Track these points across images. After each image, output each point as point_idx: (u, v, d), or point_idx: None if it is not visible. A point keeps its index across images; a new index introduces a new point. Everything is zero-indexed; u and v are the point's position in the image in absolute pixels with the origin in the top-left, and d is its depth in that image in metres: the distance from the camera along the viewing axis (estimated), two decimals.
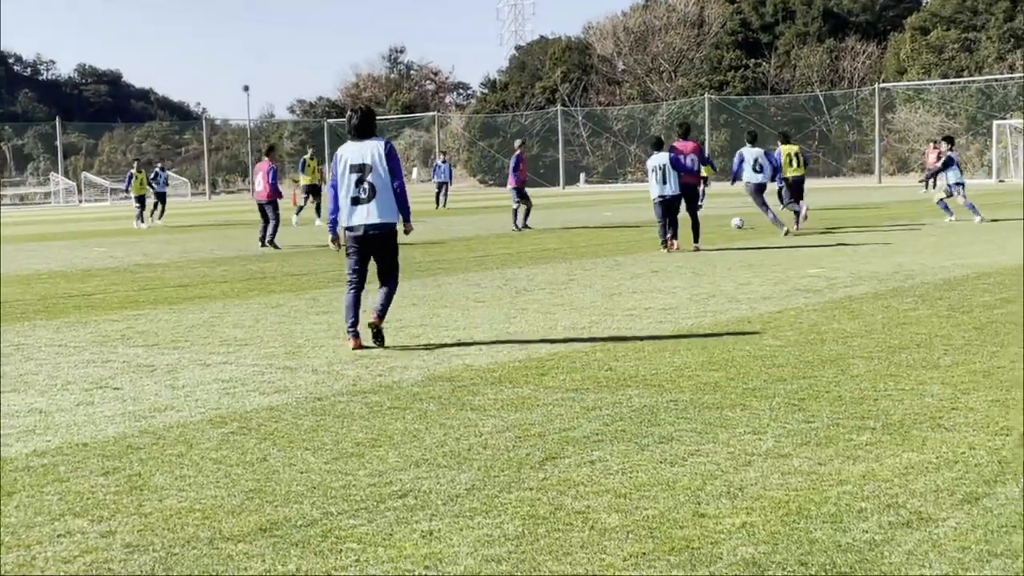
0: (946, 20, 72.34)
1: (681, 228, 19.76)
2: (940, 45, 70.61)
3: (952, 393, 7.43)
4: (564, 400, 7.60)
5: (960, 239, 20.19)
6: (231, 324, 12.01)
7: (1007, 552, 4.47)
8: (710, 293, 13.37)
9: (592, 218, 32.73)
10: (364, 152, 9.81)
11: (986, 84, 67.11)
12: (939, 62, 70.19)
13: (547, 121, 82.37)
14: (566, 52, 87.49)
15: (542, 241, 23.47)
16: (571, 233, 26.04)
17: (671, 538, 4.78)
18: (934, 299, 12.13)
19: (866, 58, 77.11)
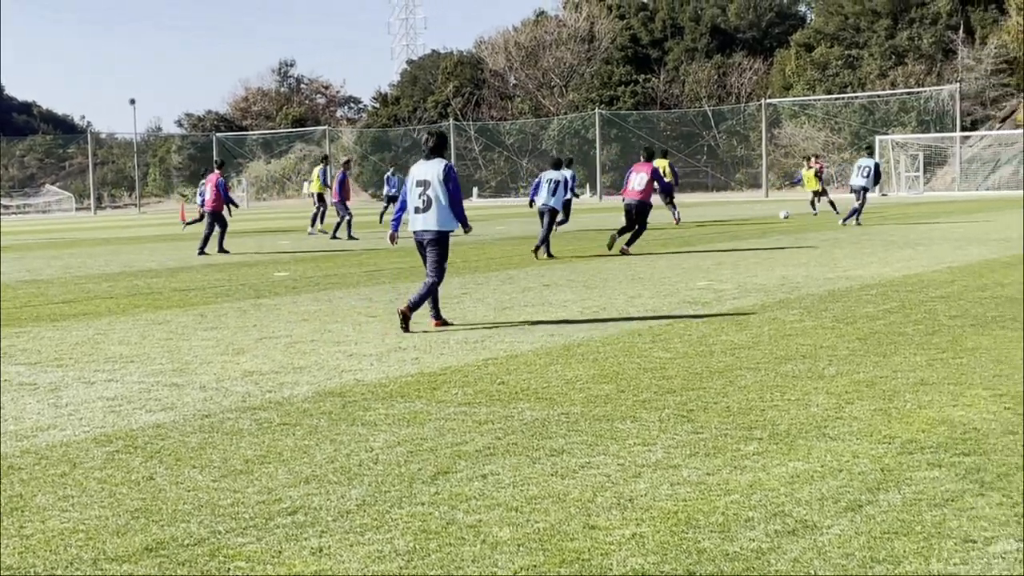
0: (830, 37, 74.12)
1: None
2: (824, 62, 72.31)
3: (836, 403, 7.58)
4: (456, 414, 7.58)
5: (844, 251, 20.65)
6: (117, 341, 11.76)
7: (889, 558, 4.57)
8: (601, 306, 13.48)
9: (485, 232, 32.78)
10: (428, 171, 11.94)
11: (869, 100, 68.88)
12: (823, 78, 71.87)
13: None
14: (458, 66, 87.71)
15: None
16: (464, 247, 26.04)
17: (562, 550, 4.79)
18: (819, 311, 12.38)
19: (753, 74, 78.64)
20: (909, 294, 13.58)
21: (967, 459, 6.02)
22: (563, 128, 79.52)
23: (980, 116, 65.76)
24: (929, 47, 69.16)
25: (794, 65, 74.30)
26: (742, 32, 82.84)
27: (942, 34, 69.41)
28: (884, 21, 71.62)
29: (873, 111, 68.75)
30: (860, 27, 73.13)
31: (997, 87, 65.96)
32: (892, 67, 69.56)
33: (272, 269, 20.93)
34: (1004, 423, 6.82)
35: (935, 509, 5.17)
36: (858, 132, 67.78)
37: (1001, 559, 4.51)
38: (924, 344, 9.87)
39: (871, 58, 70.54)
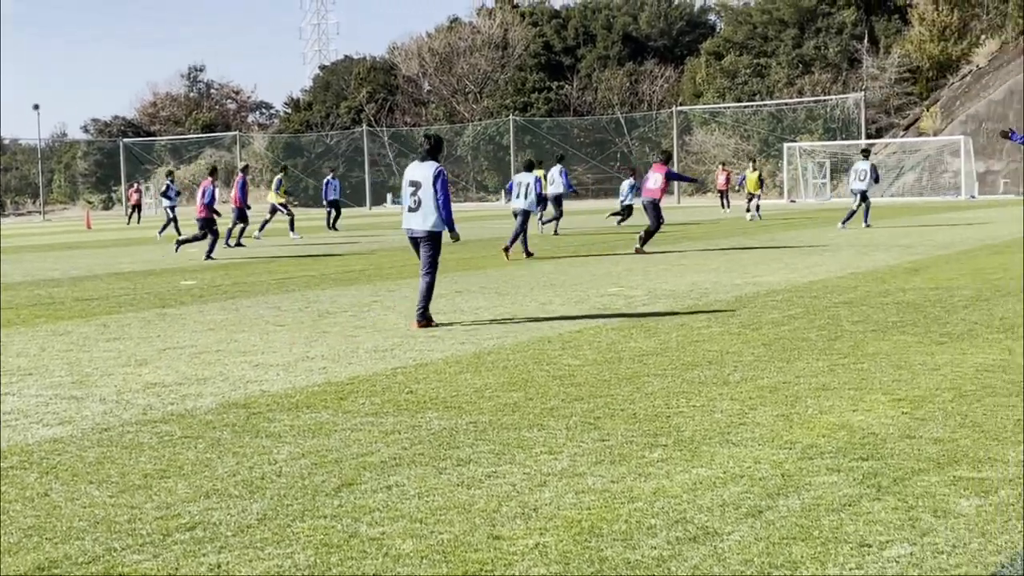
0: (739, 46, 75.08)
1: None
2: (734, 70, 73.22)
3: (740, 409, 7.66)
4: (363, 425, 7.53)
5: (752, 258, 20.91)
6: (15, 353, 11.50)
7: (787, 564, 4.61)
8: (512, 313, 13.49)
9: (399, 239, 32.67)
10: (421, 172, 12.38)
11: (777, 108, 69.87)
12: (733, 86, 72.76)
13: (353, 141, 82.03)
14: (371, 72, 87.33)
15: (347, 263, 23.30)
16: (376, 255, 25.93)
17: (465, 561, 4.77)
18: (726, 317, 12.51)
19: (664, 81, 79.37)
20: (814, 300, 13.78)
21: (865, 464, 6.11)
22: (478, 134, 79.58)
23: (884, 124, 67.04)
24: (835, 56, 70.36)
25: (704, 73, 75.15)
26: (653, 40, 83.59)
27: (847, 43, 70.67)
28: (791, 31, 72.73)
29: (781, 119, 69.76)
30: (768, 36, 74.19)
31: (901, 96, 67.31)
32: (799, 76, 70.65)
33: (179, 277, 20.63)
34: (901, 427, 6.94)
35: (832, 514, 5.24)
36: (767, 139, 68.74)
37: (895, 563, 4.58)
38: (827, 349, 10.02)
39: (779, 67, 71.58)
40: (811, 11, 72.33)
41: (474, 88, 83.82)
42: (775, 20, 73.95)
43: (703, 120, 72.47)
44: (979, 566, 4.52)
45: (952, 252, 20.52)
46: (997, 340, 10.21)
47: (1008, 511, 5.21)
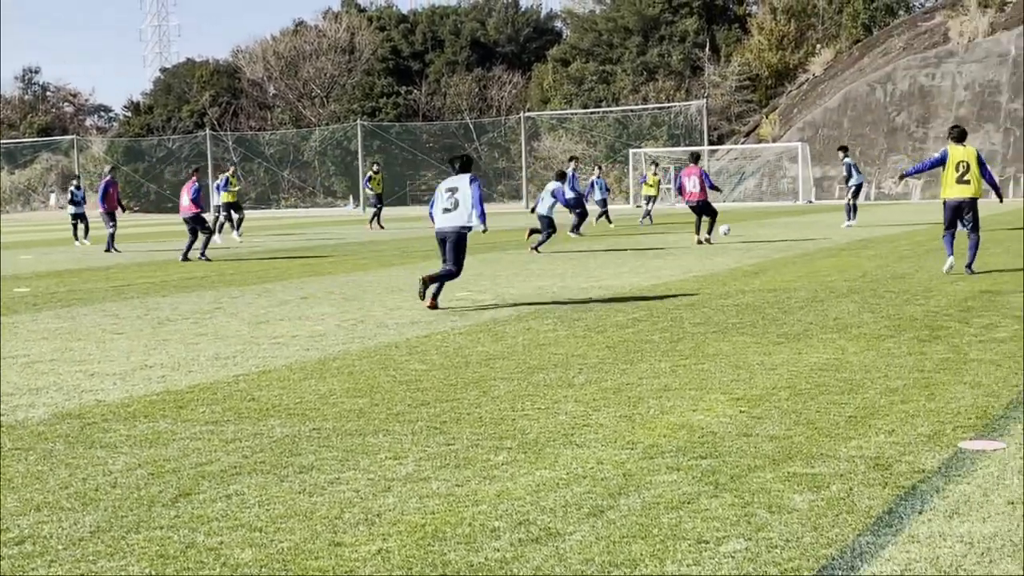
0: (585, 53, 76.07)
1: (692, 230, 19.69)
2: (580, 76, 74.15)
3: (584, 410, 7.74)
4: (203, 433, 7.37)
5: (599, 262, 21.18)
6: None
7: (626, 562, 4.67)
8: (359, 319, 13.39)
9: (243, 246, 32.13)
10: (458, 181, 14.27)
11: (623, 114, 71.01)
12: (580, 92, 73.68)
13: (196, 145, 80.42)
14: (214, 75, 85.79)
15: (188, 269, 22.82)
16: (219, 261, 25.46)
17: (306, 569, 4.70)
18: (572, 320, 12.64)
19: (512, 87, 79.93)
20: (657, 302, 14.02)
21: (704, 462, 6.24)
22: (325, 139, 78.88)
23: (726, 131, 68.71)
24: (678, 64, 71.85)
25: (551, 79, 75.93)
26: (501, 46, 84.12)
27: (690, 51, 72.25)
28: (635, 38, 74.01)
29: (627, 125, 70.91)
30: (613, 43, 75.34)
31: (741, 103, 69.08)
32: (644, 82, 71.93)
33: (11, 285, 19.92)
34: (739, 426, 7.10)
35: (672, 512, 5.33)
36: (613, 145, 69.79)
37: (731, 558, 4.68)
38: (669, 351, 10.20)
39: (624, 74, 72.75)
40: (654, 19, 73.74)
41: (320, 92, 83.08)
42: (620, 28, 75.17)
43: (551, 126, 73.20)
44: (811, 559, 4.65)
45: (789, 255, 21.13)
46: (831, 340, 10.53)
47: (839, 505, 5.37)
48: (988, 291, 13.98)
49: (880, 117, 58.48)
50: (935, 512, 5.23)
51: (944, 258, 16.56)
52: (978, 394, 7.85)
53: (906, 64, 58.87)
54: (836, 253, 21.25)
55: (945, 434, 6.72)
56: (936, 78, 57.75)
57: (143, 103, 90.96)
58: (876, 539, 4.87)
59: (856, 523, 5.09)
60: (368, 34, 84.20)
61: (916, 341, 10.28)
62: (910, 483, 5.71)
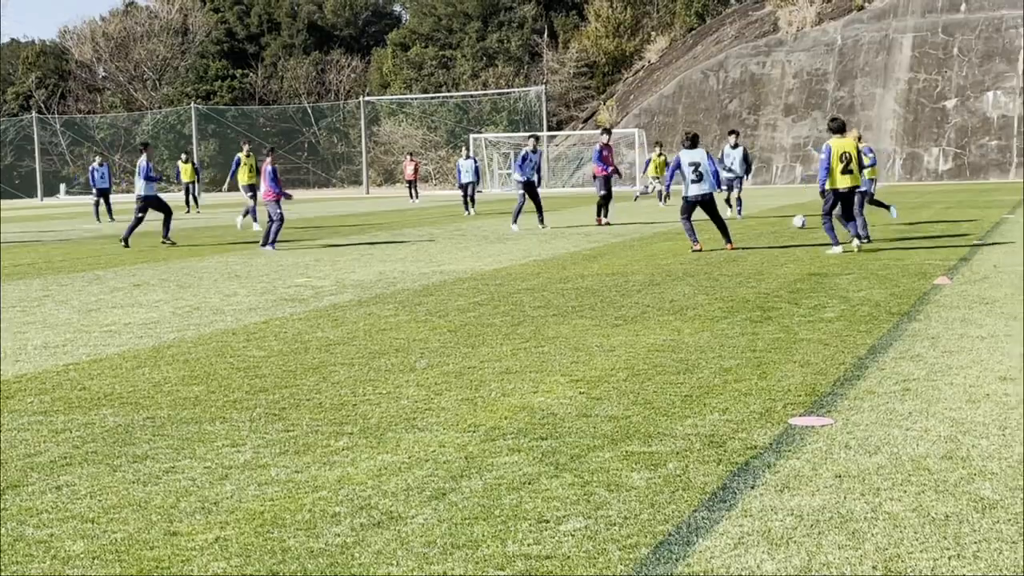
0: (424, 38, 75.92)
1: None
2: (420, 61, 73.99)
3: (426, 395, 7.73)
4: (31, 424, 7.12)
5: (438, 247, 21.17)
6: None
7: (468, 543, 4.69)
8: (194, 306, 13.11)
9: (73, 230, 31.15)
10: (697, 155, 17.93)
11: (463, 100, 71.10)
12: (419, 77, 73.52)
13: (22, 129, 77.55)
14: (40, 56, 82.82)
15: (14, 256, 22.01)
16: (47, 247, 24.62)
17: (140, 560, 4.59)
18: (414, 305, 12.61)
19: (351, 71, 79.27)
20: (498, 287, 14.09)
21: (544, 443, 6.30)
22: (158, 123, 76.93)
23: (565, 117, 69.44)
24: (517, 50, 72.29)
25: (391, 64, 75.56)
26: (339, 30, 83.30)
27: (528, 37, 72.77)
28: (475, 24, 74.18)
29: (467, 110, 71.05)
30: (453, 28, 75.38)
31: (579, 89, 69.90)
32: (484, 68, 72.16)
33: None
34: (579, 407, 7.19)
35: (513, 492, 5.37)
36: (453, 130, 69.83)
37: (571, 536, 4.74)
38: (510, 334, 10.26)
39: (464, 59, 72.85)
40: (494, 5, 74.03)
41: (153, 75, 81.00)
42: (459, 13, 75.24)
43: (391, 111, 72.87)
44: (649, 535, 4.73)
45: (627, 240, 21.47)
46: (668, 321, 10.75)
47: (675, 482, 5.48)
48: (816, 273, 14.45)
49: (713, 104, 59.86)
50: (767, 487, 5.39)
51: (830, 245, 16.94)
52: (807, 372, 8.11)
53: (738, 52, 60.37)
54: (672, 237, 21.68)
55: (776, 411, 6.93)
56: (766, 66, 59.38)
57: None
58: (711, 514, 4.99)
59: (692, 499, 5.21)
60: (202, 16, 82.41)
61: (749, 322, 10.56)
62: (743, 459, 5.87)
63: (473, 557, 4.52)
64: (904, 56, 55.88)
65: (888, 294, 12.27)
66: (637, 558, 4.48)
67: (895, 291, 12.51)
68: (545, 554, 4.54)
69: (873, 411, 6.87)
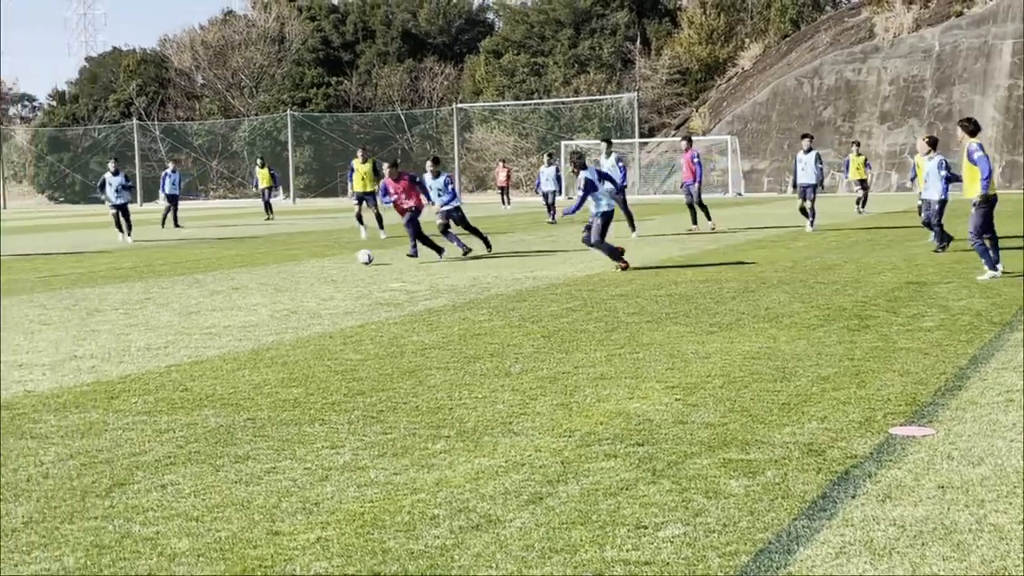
0: (517, 45, 76.09)
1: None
2: (512, 68, 74.15)
3: (521, 399, 7.76)
4: (135, 424, 7.28)
5: (531, 253, 21.20)
6: None
7: (566, 548, 4.69)
8: (292, 309, 13.29)
9: (170, 236, 31.76)
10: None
11: (554, 106, 71.13)
12: (512, 84, 73.68)
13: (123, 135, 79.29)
14: (141, 65, 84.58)
15: (116, 260, 22.51)
16: (148, 250, 25.14)
17: (244, 558, 4.67)
18: (507, 310, 12.65)
19: (444, 79, 79.71)
20: (591, 293, 14.08)
21: (641, 449, 6.28)
22: (254, 129, 78.10)
23: (656, 123, 69.11)
24: (609, 57, 72.12)
25: (484, 71, 75.84)
26: (433, 37, 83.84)
27: (621, 44, 72.55)
28: (567, 31, 74.17)
29: (559, 117, 71.04)
30: (545, 36, 75.45)
31: (672, 96, 69.52)
32: (575, 75, 72.09)
33: None
34: (675, 413, 7.16)
35: (610, 498, 5.36)
36: (545, 137, 69.87)
37: (670, 543, 4.72)
38: (604, 340, 10.25)
39: (556, 66, 72.87)
40: (586, 12, 73.94)
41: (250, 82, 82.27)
42: (552, 20, 75.29)
43: (483, 118, 73.13)
44: (748, 543, 4.70)
45: (720, 247, 21.31)
46: (763, 329, 10.65)
47: (774, 490, 5.43)
48: (914, 282, 14.22)
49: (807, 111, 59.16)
50: (868, 496, 5.32)
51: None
52: (907, 382, 7.98)
53: (833, 59, 59.61)
54: (766, 244, 21.47)
55: (876, 420, 6.83)
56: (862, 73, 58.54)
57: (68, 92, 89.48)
58: (811, 523, 4.94)
59: (791, 507, 5.16)
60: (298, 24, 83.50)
61: (846, 330, 10.43)
62: (843, 468, 5.80)
63: (571, 562, 4.53)
64: (1004, 62, 54.70)
65: (989, 303, 12.03)
66: (737, 565, 4.45)
67: (996, 300, 12.26)
68: (644, 560, 4.53)
69: (976, 422, 6.75)
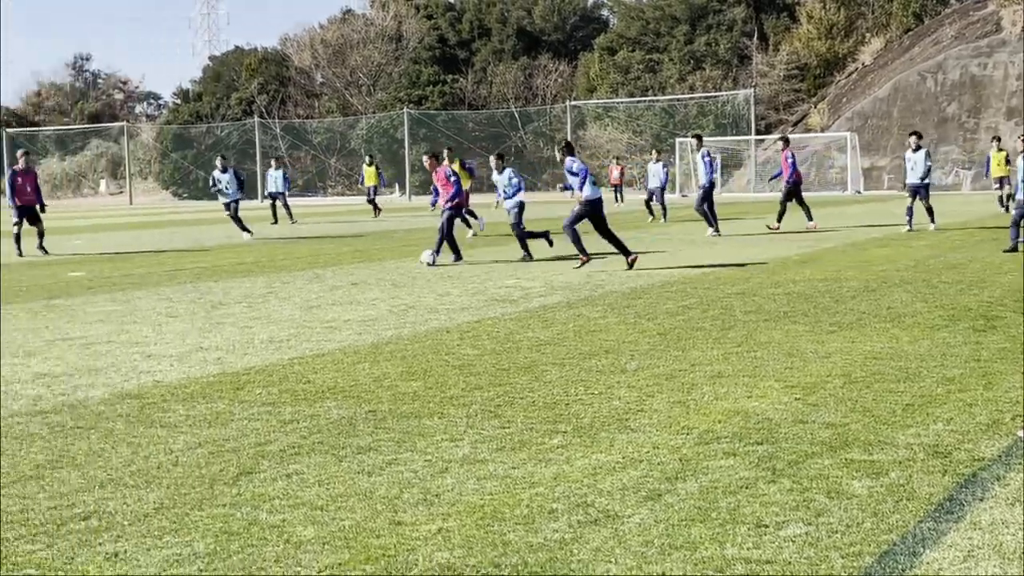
0: (632, 41, 75.78)
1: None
2: (627, 65, 73.89)
3: (638, 396, 7.75)
4: (260, 414, 7.45)
5: (644, 251, 21.11)
6: None
7: (686, 545, 4.68)
8: (409, 304, 13.45)
9: (290, 232, 32.35)
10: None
11: (669, 103, 70.71)
12: (626, 81, 73.42)
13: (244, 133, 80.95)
14: (262, 63, 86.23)
15: (239, 254, 23.00)
16: (269, 246, 25.64)
17: (367, 547, 4.75)
18: (622, 307, 12.63)
19: (558, 76, 79.76)
20: (707, 291, 13.98)
21: (760, 448, 6.23)
22: (371, 127, 79.11)
23: (774, 120, 68.26)
24: (725, 53, 71.43)
25: (598, 68, 75.70)
26: (547, 35, 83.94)
27: (737, 40, 71.80)
28: (683, 27, 73.64)
29: (673, 114, 70.60)
30: (660, 32, 75.01)
31: (789, 92, 68.59)
32: (691, 71, 71.56)
33: (66, 269, 20.17)
34: (795, 413, 7.08)
35: (730, 496, 5.33)
36: (659, 134, 69.49)
37: (791, 543, 4.68)
38: (720, 338, 10.18)
39: (671, 62, 72.42)
40: (702, 8, 73.31)
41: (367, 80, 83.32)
42: (667, 16, 74.82)
43: (597, 115, 73.02)
44: (872, 544, 4.64)
45: (840, 245, 20.98)
46: (885, 329, 10.47)
47: (899, 492, 5.35)
48: None
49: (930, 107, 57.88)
50: (996, 500, 5.21)
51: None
52: None
53: (957, 53, 58.21)
54: (887, 243, 21.08)
55: (1004, 423, 6.68)
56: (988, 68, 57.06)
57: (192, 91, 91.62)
58: (937, 525, 4.86)
59: (917, 509, 5.08)
60: (415, 22, 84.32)
61: (972, 331, 10.19)
62: (970, 471, 5.68)
63: (691, 559, 4.52)
64: None
65: None
66: (861, 567, 4.39)
67: None
68: (765, 559, 4.50)
69: None
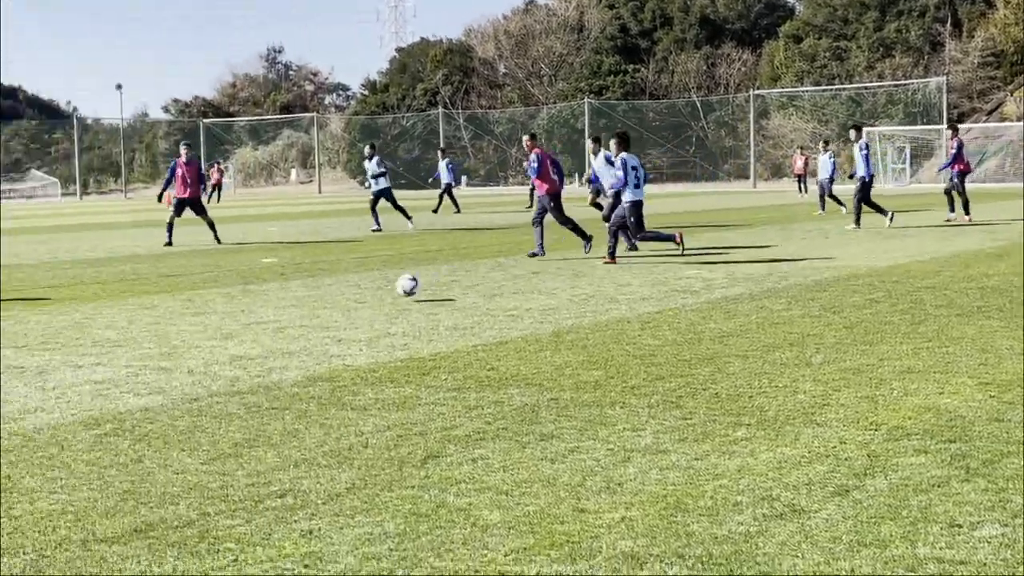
0: (818, 29, 74.17)
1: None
2: (812, 53, 72.38)
3: (824, 390, 7.61)
4: (446, 399, 7.60)
5: (831, 241, 20.69)
6: (104, 325, 11.74)
7: (875, 542, 4.60)
8: (590, 294, 13.50)
9: (476, 220, 32.80)
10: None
11: (856, 92, 68.98)
12: (812, 70, 71.94)
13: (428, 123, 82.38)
14: (447, 55, 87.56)
15: (424, 243, 23.44)
16: (453, 235, 26.06)
17: (551, 533, 4.81)
18: (806, 300, 12.42)
19: (741, 65, 78.67)
20: (895, 284, 13.63)
21: (953, 445, 6.06)
22: (552, 117, 79.52)
23: (967, 109, 65.91)
24: (916, 39, 69.26)
25: (783, 56, 74.37)
26: (731, 23, 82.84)
27: (929, 27, 69.54)
28: (872, 13, 71.69)
29: (861, 103, 68.87)
30: (848, 19, 73.21)
31: (984, 80, 66.13)
32: (880, 59, 69.64)
33: (260, 255, 20.90)
34: (989, 411, 6.86)
35: (921, 494, 5.21)
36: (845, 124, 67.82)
37: (987, 543, 4.54)
38: (910, 333, 9.91)
39: (859, 50, 70.61)
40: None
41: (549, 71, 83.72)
42: (856, 2, 72.93)
43: (780, 104, 71.77)
44: None
45: None
46: None
47: None
48: None
49: None
50: None
51: None
52: None
53: None
54: None
55: None
56: None
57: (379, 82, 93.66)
58: None
59: None
60: (597, 12, 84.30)
61: None
62: None
63: (881, 556, 4.43)
64: None
65: None
66: None
67: None
68: (959, 559, 4.38)
69: None
